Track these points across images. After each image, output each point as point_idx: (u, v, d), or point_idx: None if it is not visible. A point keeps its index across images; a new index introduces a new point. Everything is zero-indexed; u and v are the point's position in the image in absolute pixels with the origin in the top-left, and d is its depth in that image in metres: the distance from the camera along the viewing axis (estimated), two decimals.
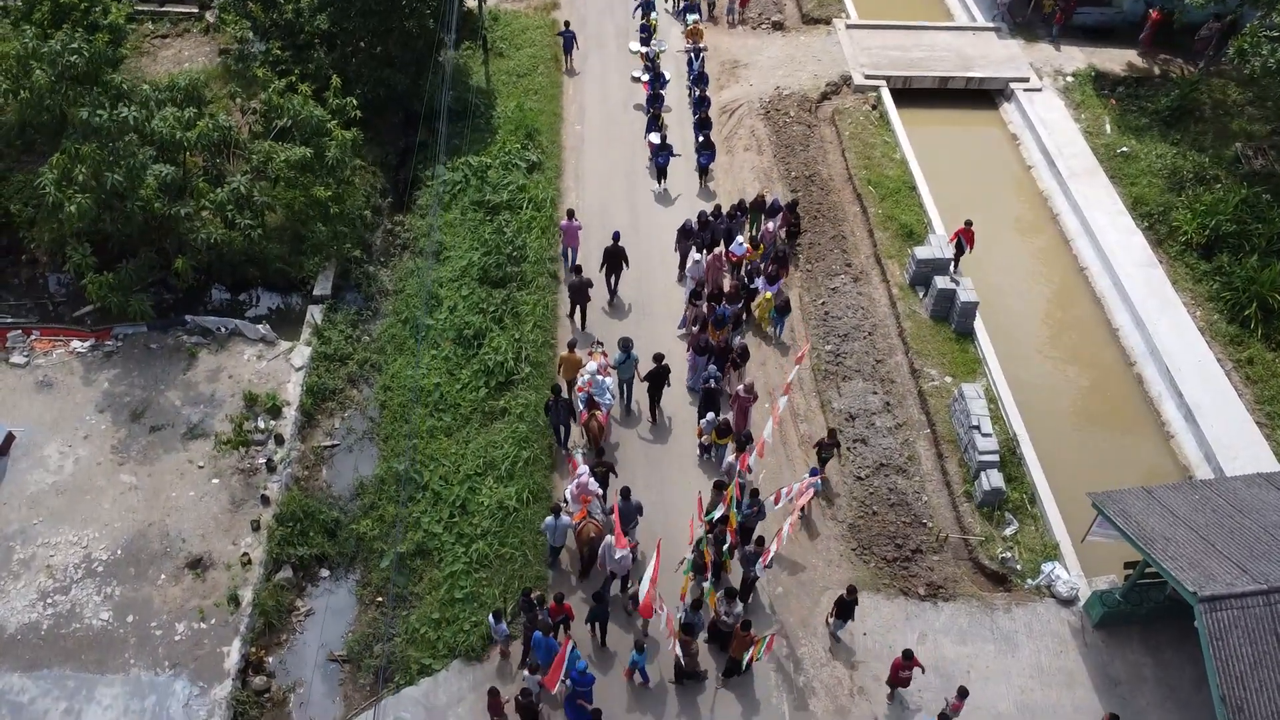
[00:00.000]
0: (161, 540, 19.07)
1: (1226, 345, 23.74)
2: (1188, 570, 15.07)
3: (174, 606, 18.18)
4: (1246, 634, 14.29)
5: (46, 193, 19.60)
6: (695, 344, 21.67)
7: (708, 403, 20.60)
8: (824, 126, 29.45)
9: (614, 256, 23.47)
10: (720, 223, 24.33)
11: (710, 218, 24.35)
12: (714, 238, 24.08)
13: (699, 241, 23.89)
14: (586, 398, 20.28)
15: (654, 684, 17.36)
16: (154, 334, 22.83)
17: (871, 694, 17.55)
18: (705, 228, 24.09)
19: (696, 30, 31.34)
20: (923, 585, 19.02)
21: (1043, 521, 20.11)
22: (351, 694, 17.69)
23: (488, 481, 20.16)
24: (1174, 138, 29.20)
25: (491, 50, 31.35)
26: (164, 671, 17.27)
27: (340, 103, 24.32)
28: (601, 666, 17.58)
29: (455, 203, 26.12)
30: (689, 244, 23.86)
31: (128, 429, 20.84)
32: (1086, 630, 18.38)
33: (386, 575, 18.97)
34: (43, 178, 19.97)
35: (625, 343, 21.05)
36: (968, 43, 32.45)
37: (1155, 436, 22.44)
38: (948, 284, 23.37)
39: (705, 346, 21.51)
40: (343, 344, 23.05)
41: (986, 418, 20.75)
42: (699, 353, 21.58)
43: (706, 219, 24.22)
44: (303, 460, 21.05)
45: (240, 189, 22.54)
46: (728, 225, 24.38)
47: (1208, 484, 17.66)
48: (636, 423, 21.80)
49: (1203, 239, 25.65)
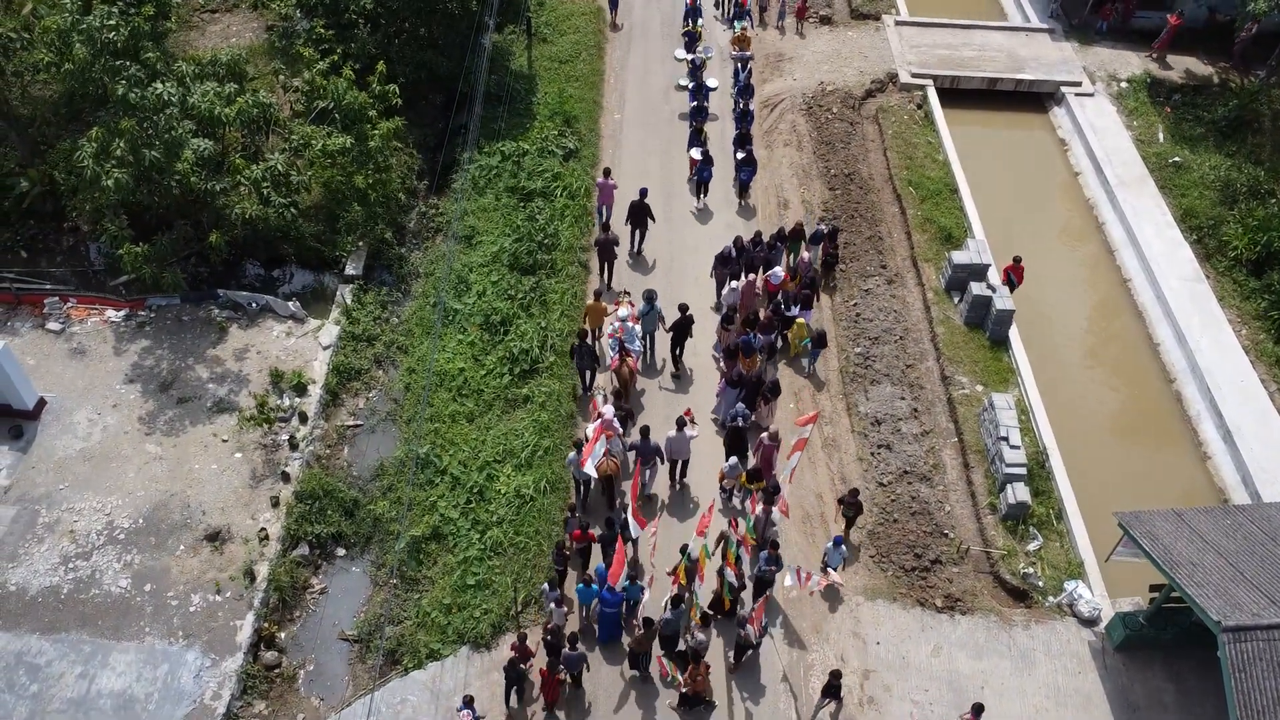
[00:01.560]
0: (182, 511, 19.29)
1: (1272, 366, 23.02)
2: (1213, 598, 14.61)
3: (191, 577, 18.39)
4: (1271, 667, 13.81)
5: (85, 165, 19.80)
6: (729, 376, 20.53)
7: (734, 444, 19.74)
8: (867, 124, 28.96)
9: (639, 212, 24.30)
10: (759, 250, 23.12)
11: (749, 245, 23.19)
12: (751, 265, 23.11)
13: (736, 269, 22.86)
14: (618, 343, 20.95)
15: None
16: (186, 306, 23.07)
17: (881, 704, 17.28)
18: (742, 254, 23.03)
19: (744, 38, 30.26)
20: (940, 596, 18.68)
21: (1068, 538, 19.65)
22: (360, 674, 17.78)
23: (506, 469, 20.14)
24: (1230, 149, 28.33)
25: (535, 35, 31.22)
26: (177, 641, 17.48)
27: (384, 89, 24.27)
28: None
29: (490, 188, 26.06)
30: (726, 271, 22.82)
31: (156, 400, 21.09)
32: (1107, 652, 17.92)
33: (401, 558, 19.03)
34: (82, 150, 20.19)
35: (649, 294, 21.59)
36: (1019, 43, 31.71)
37: (1191, 457, 21.82)
38: (984, 290, 22.89)
39: (739, 379, 20.39)
40: (371, 325, 23.13)
41: (1016, 429, 20.29)
42: (732, 385, 20.44)
43: (744, 246, 23.12)
44: (325, 439, 21.16)
45: (278, 167, 22.64)
46: (766, 254, 23.19)
47: (1241, 509, 17.12)
48: (657, 374, 22.42)
49: (1253, 255, 24.87)
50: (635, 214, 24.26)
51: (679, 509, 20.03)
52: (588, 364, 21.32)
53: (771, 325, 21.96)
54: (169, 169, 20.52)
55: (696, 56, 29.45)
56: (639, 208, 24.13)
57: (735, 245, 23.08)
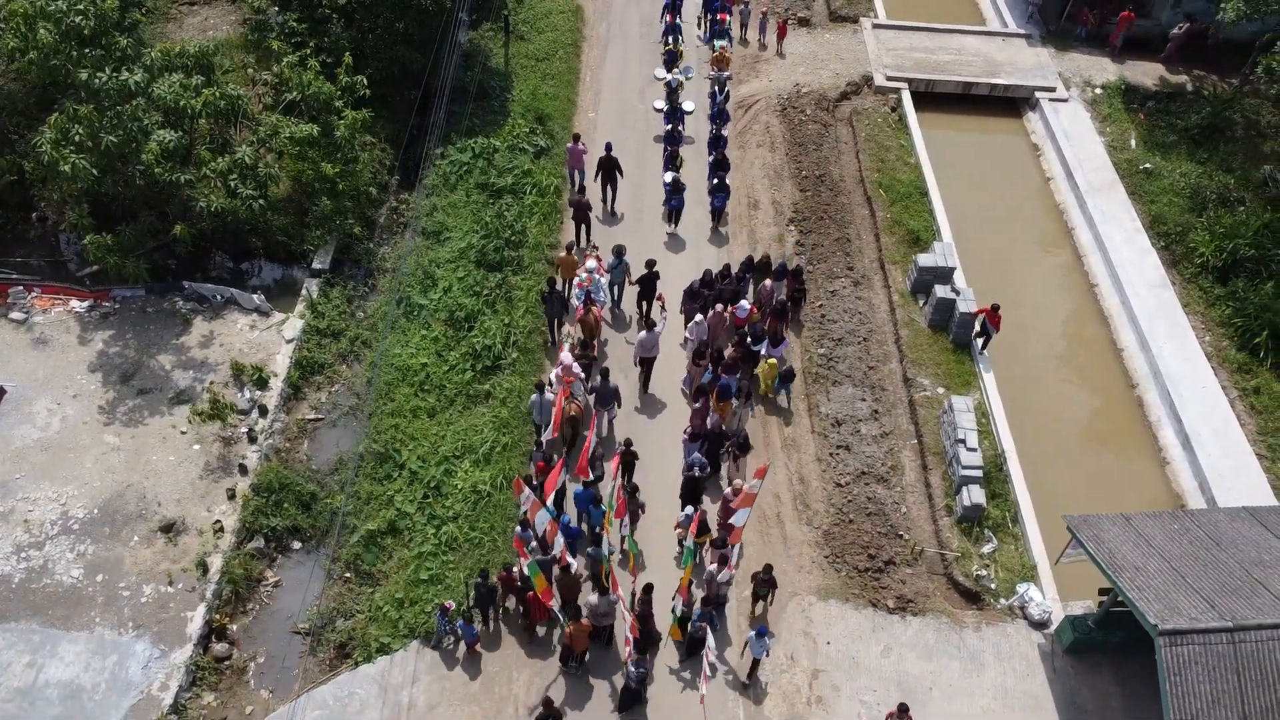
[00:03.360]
0: (138, 502, 19.28)
1: (1234, 373, 23.09)
2: (1153, 602, 14.67)
3: (144, 569, 18.39)
4: (1206, 671, 13.87)
5: (43, 150, 19.79)
6: (690, 430, 19.70)
7: (689, 493, 19.11)
8: (841, 126, 29.01)
9: (608, 167, 25.12)
10: (728, 283, 22.58)
11: (716, 277, 22.67)
12: (720, 298, 22.41)
13: (706, 302, 22.23)
14: (585, 294, 21.95)
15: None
16: (151, 298, 23.06)
17: (829, 704, 17.33)
18: (711, 288, 22.47)
19: (722, 58, 29.24)
20: (893, 597, 18.73)
21: (1023, 541, 19.72)
22: (311, 667, 17.78)
23: (464, 465, 20.16)
24: (1202, 156, 28.40)
25: (513, 33, 31.24)
26: (127, 632, 17.48)
27: (351, 80, 24.30)
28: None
29: (461, 184, 26.06)
30: (695, 306, 22.24)
31: (116, 390, 21.08)
32: (1056, 655, 17.99)
33: (356, 552, 19.04)
34: (40, 137, 20.19)
35: (618, 249, 22.57)
36: (996, 48, 31.79)
37: (1151, 462, 21.89)
38: (948, 293, 22.95)
39: (699, 434, 19.59)
40: (336, 319, 23.13)
41: (974, 432, 20.35)
42: (693, 439, 19.58)
43: (712, 279, 22.62)
44: (285, 432, 21.16)
45: (245, 159, 22.63)
46: (735, 286, 22.66)
47: (1189, 514, 17.19)
48: (625, 328, 23.32)
49: (1220, 262, 24.94)
50: (605, 169, 25.18)
51: (648, 407, 21.87)
52: (557, 311, 22.31)
53: (737, 364, 20.96)
54: (132, 158, 20.51)
55: (673, 78, 28.48)
56: (608, 162, 25.03)
57: (703, 278, 22.59)
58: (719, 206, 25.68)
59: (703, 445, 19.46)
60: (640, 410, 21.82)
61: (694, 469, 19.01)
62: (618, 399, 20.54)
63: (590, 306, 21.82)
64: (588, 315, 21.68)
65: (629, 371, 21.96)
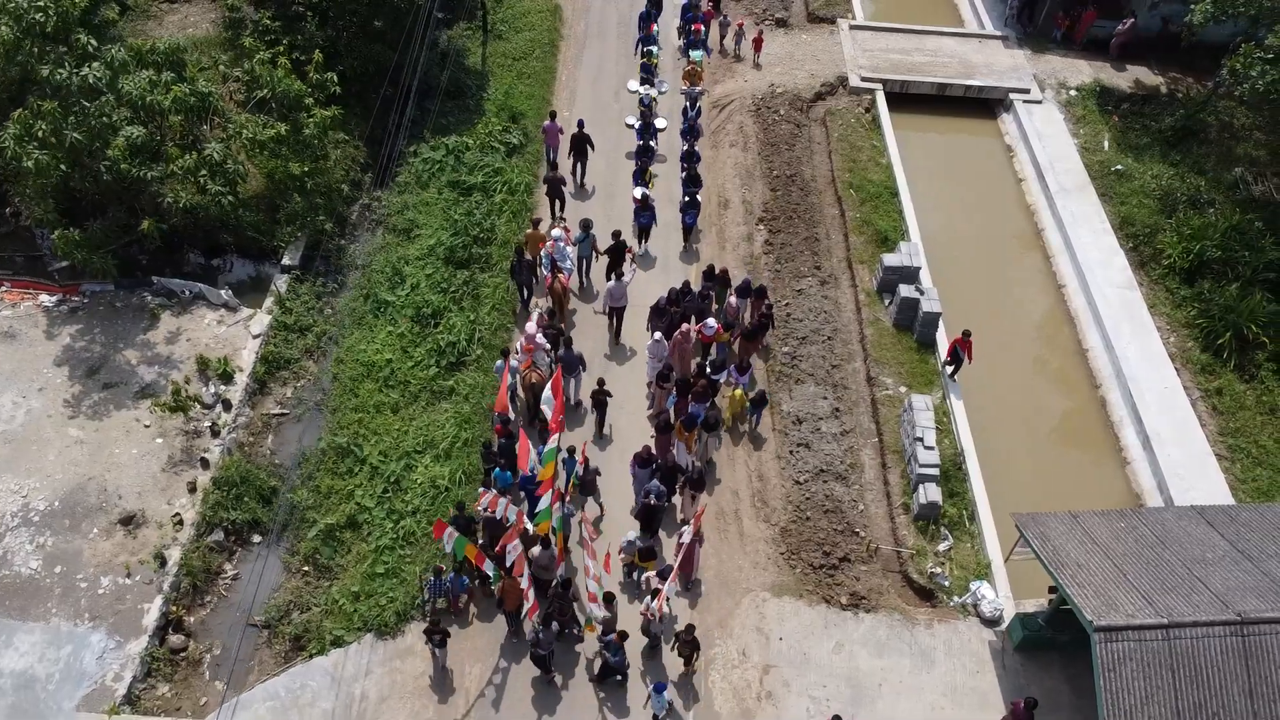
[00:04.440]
0: (99, 495, 19.43)
1: (1197, 374, 23.17)
2: (1091, 598, 14.76)
3: (102, 561, 18.53)
4: (1140, 667, 13.96)
5: (6, 146, 19.96)
6: (638, 456, 18.96)
7: (646, 521, 18.86)
8: (814, 127, 29.13)
9: (580, 143, 25.95)
10: (691, 300, 22.25)
11: (682, 294, 22.24)
12: (685, 316, 21.98)
13: (671, 320, 21.75)
14: (550, 261, 22.64)
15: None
16: (121, 293, 23.23)
17: (779, 699, 17.43)
18: (676, 304, 22.07)
19: (695, 72, 28.62)
20: (846, 594, 18.82)
21: (979, 540, 19.82)
22: (266, 659, 17.91)
23: (425, 460, 20.29)
24: (1174, 158, 28.46)
25: (491, 31, 31.41)
26: (83, 623, 17.62)
27: (321, 78, 24.45)
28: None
29: (433, 181, 26.20)
30: (662, 323, 21.72)
31: (82, 384, 21.24)
32: (1007, 652, 18.08)
33: (314, 545, 19.17)
34: (3, 133, 20.35)
35: (585, 223, 23.28)
36: (972, 50, 31.89)
37: (1111, 462, 21.97)
38: (912, 293, 23.04)
39: (647, 459, 18.95)
40: (304, 315, 23.26)
41: (932, 430, 20.45)
42: (642, 465, 18.86)
43: (677, 295, 22.20)
44: (250, 427, 21.29)
45: (213, 156, 22.75)
46: (700, 304, 22.35)
47: (1137, 513, 17.28)
48: (592, 298, 24.03)
49: (1186, 264, 25.00)
50: (576, 145, 25.96)
51: (618, 355, 22.97)
52: (525, 279, 23.20)
53: (705, 392, 20.22)
54: (98, 154, 20.67)
55: (646, 94, 27.81)
56: (579, 138, 25.85)
57: (670, 296, 22.17)
58: (690, 224, 25.31)
59: (656, 472, 18.97)
60: (610, 358, 22.83)
61: (650, 496, 18.63)
62: (583, 364, 21.11)
63: (556, 274, 22.47)
64: (555, 283, 22.38)
65: (599, 340, 22.94)
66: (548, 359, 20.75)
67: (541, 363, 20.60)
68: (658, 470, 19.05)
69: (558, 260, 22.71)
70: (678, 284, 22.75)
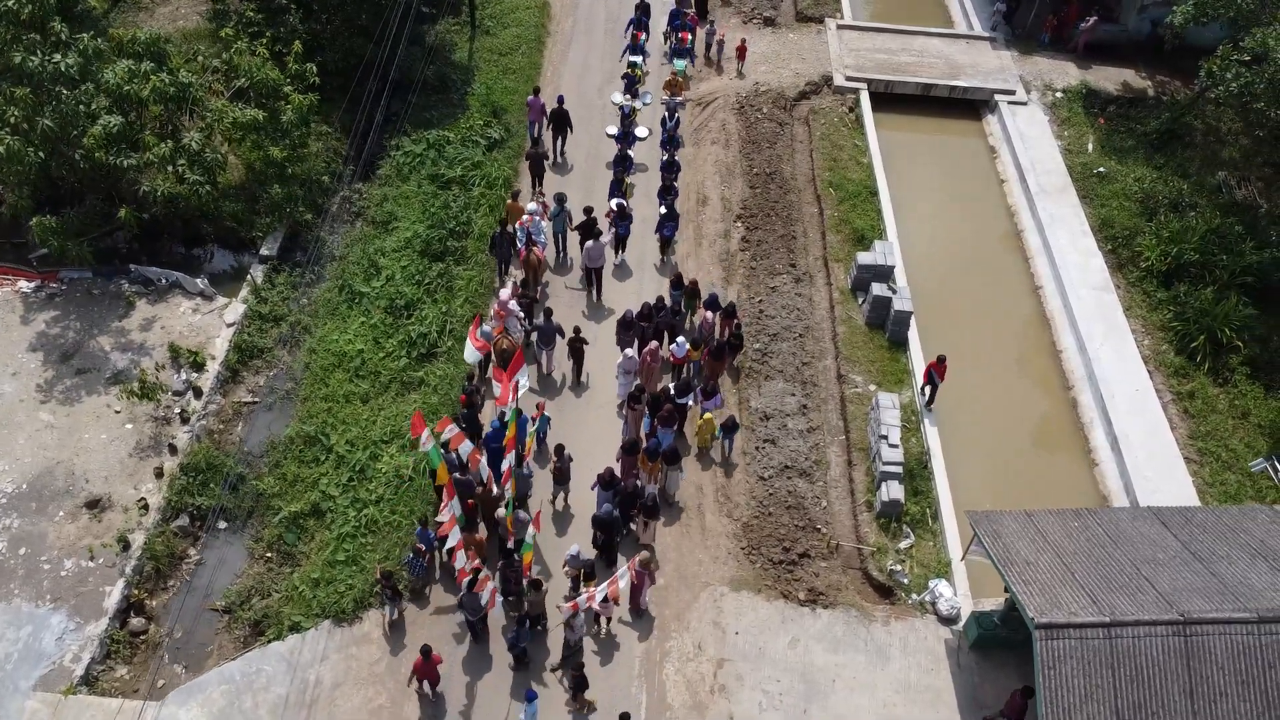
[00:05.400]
0: (66, 478, 19.62)
1: (1169, 376, 23.12)
2: (1036, 596, 14.77)
3: (67, 543, 18.71)
4: (1081, 665, 13.96)
5: None
6: (600, 477, 18.67)
7: (604, 540, 18.48)
8: (797, 125, 29.15)
9: (559, 119, 26.73)
10: (663, 316, 21.86)
11: (654, 309, 21.84)
12: (656, 331, 21.71)
13: (640, 335, 21.49)
14: (525, 234, 23.29)
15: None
16: (98, 280, 23.43)
17: (731, 692, 17.47)
18: (647, 320, 21.69)
19: (675, 82, 28.36)
20: (805, 590, 18.85)
21: (941, 538, 19.82)
22: (225, 644, 18.05)
23: (391, 450, 20.42)
24: (1159, 162, 28.40)
25: (479, 27, 31.55)
26: (44, 604, 17.80)
27: (300, 68, 24.64)
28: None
29: (414, 174, 26.35)
30: (630, 337, 21.41)
31: (56, 369, 21.44)
32: (962, 651, 18.08)
33: (278, 532, 19.32)
34: None
35: (560, 197, 24.17)
36: (959, 50, 31.85)
37: (1080, 464, 21.94)
38: (884, 291, 23.06)
39: (610, 481, 18.65)
40: (279, 304, 23.43)
41: (897, 428, 20.48)
42: (605, 486, 18.62)
43: (648, 311, 21.83)
44: (220, 414, 21.47)
45: (191, 145, 22.93)
46: (671, 320, 22.02)
47: (1092, 512, 17.24)
48: (566, 271, 24.64)
49: (1164, 267, 24.95)
50: (556, 120, 26.71)
51: (597, 314, 23.65)
52: (504, 251, 23.80)
53: (672, 417, 19.84)
54: (73, 141, 20.86)
55: (627, 105, 27.36)
56: (559, 114, 26.60)
57: (641, 310, 21.79)
58: (668, 236, 24.65)
59: (614, 495, 18.64)
60: (589, 317, 23.59)
61: (606, 515, 18.34)
62: (560, 333, 21.63)
63: (531, 247, 23.16)
64: (530, 255, 23.12)
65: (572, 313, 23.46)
66: (520, 326, 21.54)
67: (514, 329, 21.32)
68: (618, 495, 18.63)
69: (533, 234, 23.30)
70: (652, 297, 22.50)
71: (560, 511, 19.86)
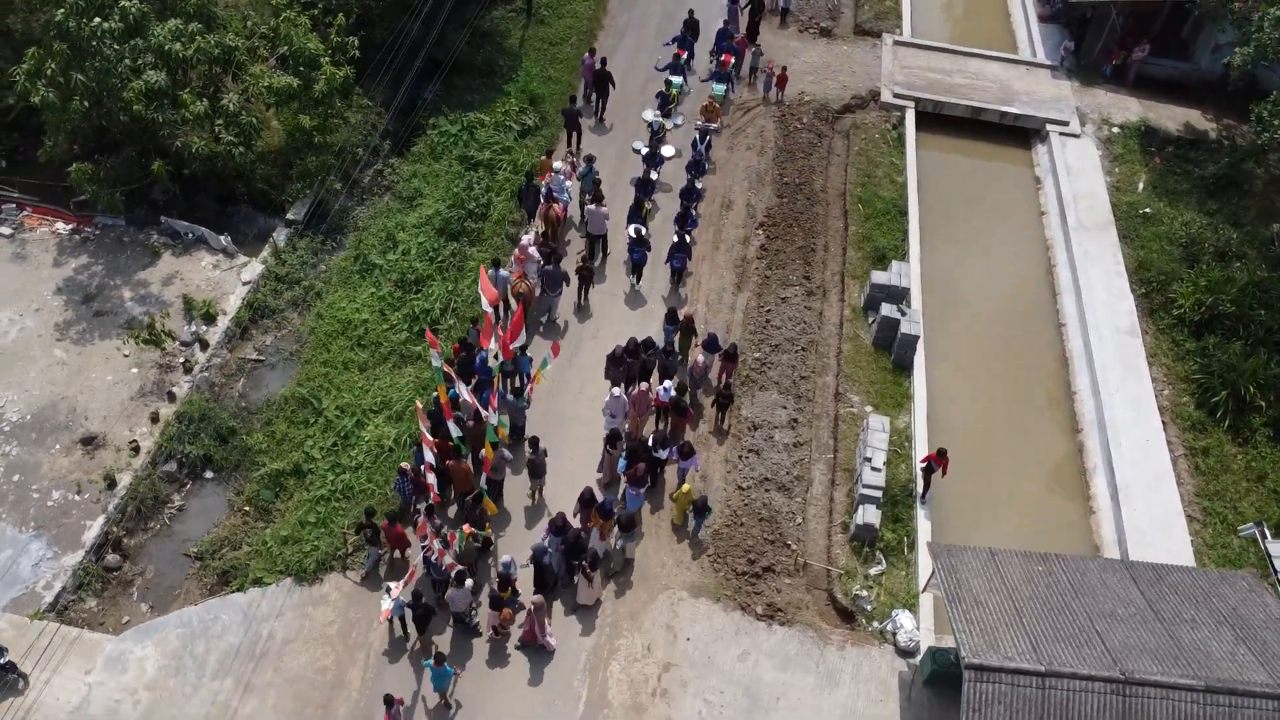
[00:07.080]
0: (68, 414, 20.43)
1: (1185, 430, 22.19)
2: (975, 636, 14.33)
3: (58, 475, 19.49)
4: (1008, 711, 13.49)
5: (18, 81, 21.09)
6: (552, 523, 17.82)
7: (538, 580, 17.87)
8: (836, 139, 28.72)
9: (601, 80, 27.60)
10: (653, 355, 21.00)
11: (645, 347, 21.02)
12: (644, 370, 20.88)
13: (628, 371, 20.69)
14: (547, 190, 24.28)
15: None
16: (130, 229, 24.32)
17: (673, 697, 17.36)
18: (634, 355, 20.72)
19: (713, 107, 27.30)
20: (763, 604, 18.62)
21: (913, 569, 19.35)
22: (192, 589, 18.61)
23: (378, 419, 20.77)
24: (1211, 207, 27.23)
25: (534, 15, 31.83)
26: (27, 531, 18.57)
27: (341, 40, 25.19)
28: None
29: (446, 154, 26.71)
30: (619, 372, 20.58)
31: (76, 310, 22.34)
32: (915, 685, 17.63)
33: (258, 488, 19.82)
34: (17, 69, 21.50)
35: (589, 158, 25.19)
36: (1017, 76, 30.99)
37: (1077, 510, 21.22)
38: (893, 312, 22.61)
39: (562, 527, 17.76)
40: (296, 268, 23.98)
41: (883, 452, 20.08)
42: (555, 532, 17.77)
43: (635, 347, 20.82)
44: (225, 369, 22.09)
45: (230, 106, 23.63)
46: (665, 360, 20.98)
47: (1060, 559, 16.64)
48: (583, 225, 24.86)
49: (1197, 315, 23.92)
50: (598, 81, 27.58)
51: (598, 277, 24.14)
52: (531, 204, 24.72)
53: (645, 477, 19.06)
54: (110, 95, 21.67)
55: (656, 122, 26.93)
56: (601, 75, 27.47)
57: (628, 345, 20.82)
58: (679, 267, 23.60)
59: (561, 543, 17.86)
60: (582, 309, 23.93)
61: (541, 557, 17.74)
62: (567, 280, 22.68)
63: (552, 203, 24.00)
64: (550, 211, 23.94)
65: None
66: (537, 270, 22.42)
67: (531, 274, 22.38)
68: (565, 543, 17.87)
69: (555, 192, 24.16)
70: (658, 328, 22.18)
71: (534, 505, 19.92)
